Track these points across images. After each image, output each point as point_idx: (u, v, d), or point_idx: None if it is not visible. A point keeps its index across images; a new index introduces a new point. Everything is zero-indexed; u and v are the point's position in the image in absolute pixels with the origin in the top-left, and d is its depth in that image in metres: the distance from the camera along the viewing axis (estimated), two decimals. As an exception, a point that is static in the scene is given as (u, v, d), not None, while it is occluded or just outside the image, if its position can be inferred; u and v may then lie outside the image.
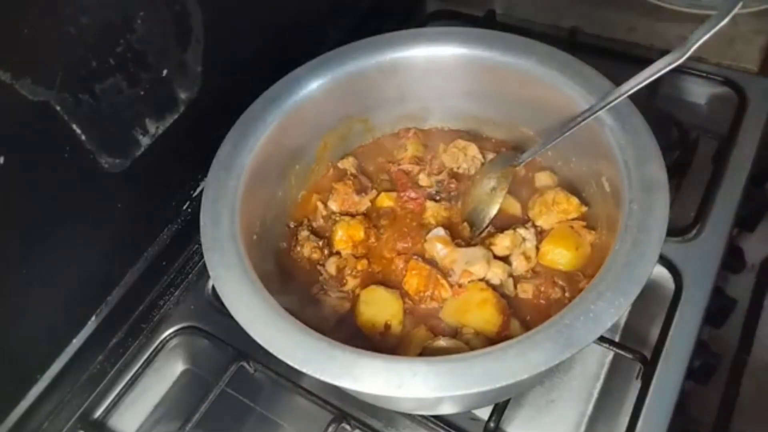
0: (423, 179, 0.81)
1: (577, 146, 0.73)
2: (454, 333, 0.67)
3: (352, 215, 0.78)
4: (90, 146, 0.65)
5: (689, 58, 0.58)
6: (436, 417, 0.71)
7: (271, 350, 0.55)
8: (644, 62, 0.63)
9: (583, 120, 0.66)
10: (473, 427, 0.71)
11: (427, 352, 0.65)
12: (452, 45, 0.77)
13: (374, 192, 0.81)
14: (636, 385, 0.70)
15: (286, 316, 0.58)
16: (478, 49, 0.76)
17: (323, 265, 0.75)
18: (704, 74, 0.96)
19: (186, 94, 0.76)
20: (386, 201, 0.80)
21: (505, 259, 0.72)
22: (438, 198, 0.79)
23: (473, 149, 0.82)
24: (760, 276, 0.83)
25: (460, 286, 0.70)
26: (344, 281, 0.73)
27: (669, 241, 0.77)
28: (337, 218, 0.78)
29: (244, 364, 0.76)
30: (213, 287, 0.83)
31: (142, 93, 0.69)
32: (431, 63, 0.78)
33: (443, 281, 0.70)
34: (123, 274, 0.77)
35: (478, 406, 0.71)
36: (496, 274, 0.70)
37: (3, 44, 0.54)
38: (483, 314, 0.66)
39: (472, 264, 0.70)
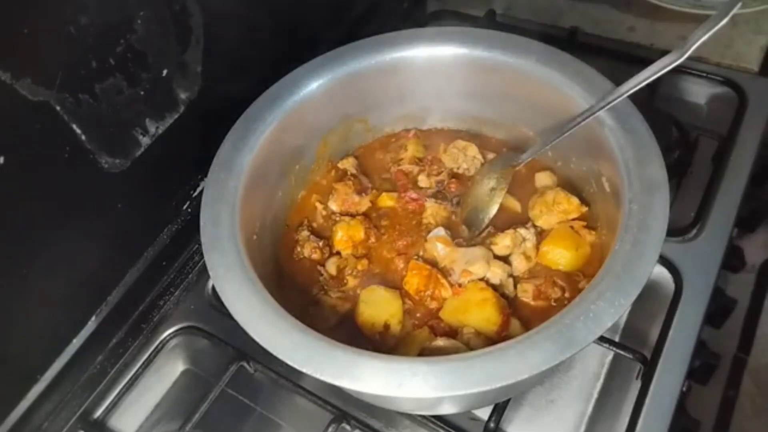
0: (423, 180, 0.81)
1: (577, 146, 0.73)
2: (454, 333, 0.67)
3: (352, 215, 0.78)
4: (90, 146, 0.65)
5: (689, 58, 0.58)
6: (436, 417, 0.71)
7: (271, 350, 0.55)
8: (644, 62, 0.63)
9: (583, 120, 0.66)
10: (473, 427, 0.71)
11: (426, 352, 0.65)
12: (452, 45, 0.77)
13: (374, 192, 0.81)
14: (636, 385, 0.70)
15: (286, 316, 0.58)
16: (478, 49, 0.76)
17: (323, 266, 0.75)
18: (704, 74, 0.96)
19: (186, 94, 0.76)
20: (386, 201, 0.80)
21: (505, 259, 0.72)
22: (438, 199, 0.79)
23: (473, 149, 0.82)
24: (760, 276, 0.83)
25: (460, 285, 0.70)
26: (344, 281, 0.73)
27: (669, 241, 0.77)
28: (337, 218, 0.78)
29: (244, 364, 0.76)
30: (213, 287, 0.83)
31: (142, 93, 0.69)
32: (431, 63, 0.78)
33: (443, 281, 0.70)
34: (123, 274, 0.77)
35: (478, 406, 0.71)
36: (496, 273, 0.70)
37: (3, 44, 0.54)
38: (483, 314, 0.66)
39: (472, 264, 0.70)
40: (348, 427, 0.72)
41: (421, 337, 0.67)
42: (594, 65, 0.71)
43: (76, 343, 0.73)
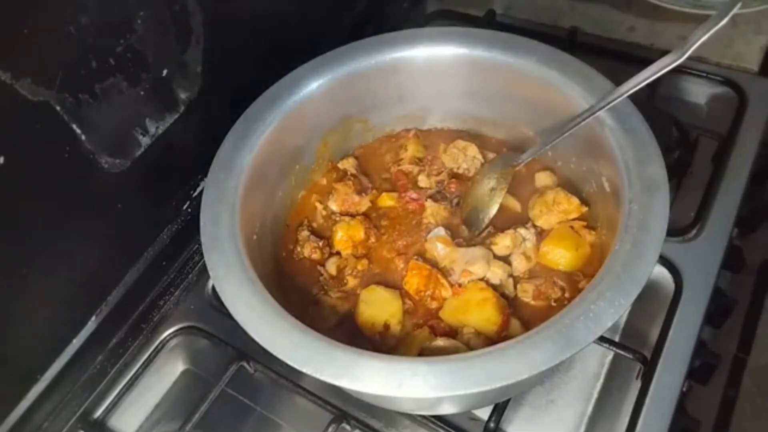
0: (423, 180, 0.81)
1: (577, 146, 0.73)
2: (454, 333, 0.67)
3: (352, 215, 0.78)
4: (90, 146, 0.65)
5: (689, 58, 0.58)
6: (436, 417, 0.71)
7: (271, 350, 0.55)
8: (644, 62, 0.63)
9: (583, 120, 0.66)
10: (473, 427, 0.71)
11: (425, 352, 0.65)
12: (452, 45, 0.77)
13: (374, 192, 0.81)
14: (636, 385, 0.70)
15: (286, 316, 0.58)
16: (478, 49, 0.76)
17: (323, 266, 0.75)
18: (704, 74, 0.96)
19: (186, 94, 0.76)
20: (386, 201, 0.80)
21: (505, 259, 0.72)
22: (438, 199, 0.79)
23: (473, 149, 0.82)
24: (760, 276, 0.83)
25: (460, 285, 0.70)
26: (344, 281, 0.73)
27: (669, 241, 0.77)
28: (337, 218, 0.78)
29: (244, 364, 0.76)
30: (213, 287, 0.83)
31: (142, 93, 0.69)
32: (431, 63, 0.78)
33: (443, 281, 0.70)
34: (123, 274, 0.77)
35: (478, 406, 0.71)
36: (496, 273, 0.70)
37: (3, 44, 0.54)
38: (483, 314, 0.66)
39: (472, 264, 0.70)
40: (348, 427, 0.72)
41: (421, 337, 0.67)
42: (594, 65, 0.71)
43: (76, 343, 0.73)
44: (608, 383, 0.74)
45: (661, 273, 0.77)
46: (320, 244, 0.76)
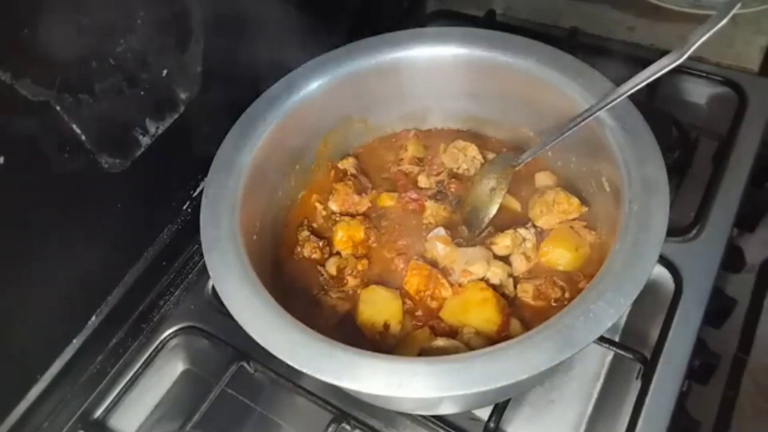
0: (423, 180, 0.81)
1: (577, 146, 0.73)
2: (454, 333, 0.67)
3: (352, 215, 0.78)
4: (90, 146, 0.65)
5: (689, 58, 0.58)
6: (436, 417, 0.71)
7: (271, 350, 0.55)
8: (644, 62, 0.63)
9: (583, 120, 0.66)
10: (473, 427, 0.71)
11: (425, 352, 0.65)
12: (452, 45, 0.77)
13: (374, 192, 0.81)
14: (636, 385, 0.70)
15: (286, 316, 0.58)
16: (478, 49, 0.76)
17: (323, 266, 0.75)
18: (704, 74, 0.96)
19: (186, 94, 0.76)
20: (386, 201, 0.80)
21: (505, 259, 0.72)
22: (438, 199, 0.79)
23: (473, 149, 0.82)
24: (760, 276, 0.83)
25: (460, 285, 0.70)
26: (344, 281, 0.73)
27: (669, 241, 0.77)
28: (337, 218, 0.78)
29: (244, 364, 0.76)
30: (213, 287, 0.83)
31: (142, 93, 0.69)
32: (431, 63, 0.78)
33: (443, 281, 0.70)
34: (123, 274, 0.77)
35: (478, 406, 0.71)
36: (496, 273, 0.70)
37: (3, 44, 0.54)
38: (483, 314, 0.66)
39: (472, 264, 0.70)
40: (348, 427, 0.72)
41: (421, 337, 0.67)
42: (594, 65, 0.71)
43: (76, 343, 0.73)
44: (608, 383, 0.74)
45: (661, 273, 0.77)
46: (320, 244, 0.76)
